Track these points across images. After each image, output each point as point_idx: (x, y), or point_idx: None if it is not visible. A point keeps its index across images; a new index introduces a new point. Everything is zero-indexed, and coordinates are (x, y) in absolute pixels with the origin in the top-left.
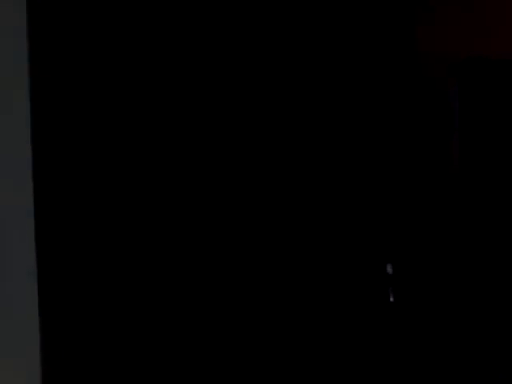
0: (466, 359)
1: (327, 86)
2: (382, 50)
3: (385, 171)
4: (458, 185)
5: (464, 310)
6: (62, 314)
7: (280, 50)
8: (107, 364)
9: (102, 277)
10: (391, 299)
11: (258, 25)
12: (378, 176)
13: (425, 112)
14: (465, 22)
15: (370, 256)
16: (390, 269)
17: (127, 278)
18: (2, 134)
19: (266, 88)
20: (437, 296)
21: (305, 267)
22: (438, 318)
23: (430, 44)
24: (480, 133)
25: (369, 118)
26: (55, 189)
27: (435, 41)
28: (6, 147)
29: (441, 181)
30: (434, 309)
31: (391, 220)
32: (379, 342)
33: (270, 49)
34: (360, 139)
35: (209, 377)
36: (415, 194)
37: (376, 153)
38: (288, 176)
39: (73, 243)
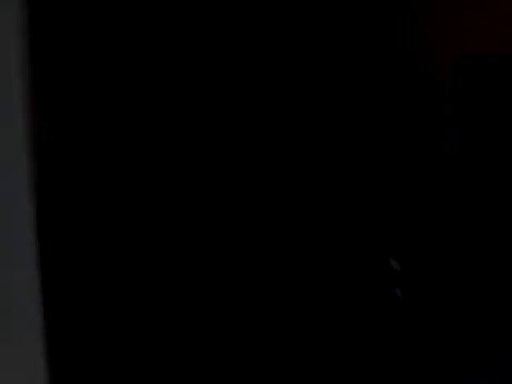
0: (474, 357)
1: (320, 82)
2: (375, 47)
3: (385, 165)
4: (458, 177)
5: (473, 306)
6: (66, 314)
7: (272, 46)
8: (111, 362)
9: (105, 275)
10: (400, 297)
11: (258, 28)
12: (380, 170)
13: (421, 107)
14: (457, 18)
15: (374, 252)
16: (396, 265)
17: (131, 277)
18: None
19: (266, 90)
20: (446, 293)
21: (304, 263)
22: (448, 316)
23: (424, 40)
24: (477, 128)
25: (365, 113)
26: (56, 187)
27: (428, 37)
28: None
29: (442, 173)
30: (443, 306)
31: (395, 215)
32: (387, 341)
33: (267, 49)
34: (358, 134)
35: (213, 376)
36: (418, 189)
37: (375, 146)
38: (287, 168)
39: (75, 242)
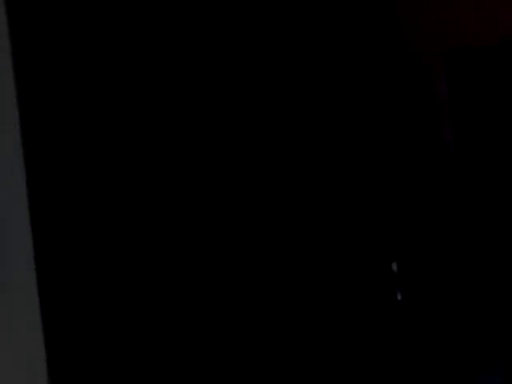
0: (472, 355)
1: (317, 79)
2: (369, 41)
3: (385, 170)
4: (455, 175)
5: (469, 305)
6: (64, 312)
7: (264, 34)
8: (111, 361)
9: (101, 275)
10: (398, 297)
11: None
12: (379, 175)
13: (416, 102)
14: (451, 10)
15: (374, 255)
16: (395, 267)
17: (127, 276)
18: None
19: (262, 83)
20: (443, 292)
21: (310, 268)
22: (445, 314)
23: (418, 34)
24: (471, 121)
25: (362, 113)
26: (50, 189)
27: (422, 31)
28: None
29: (439, 174)
30: (440, 305)
31: (394, 219)
32: (387, 341)
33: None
34: (356, 135)
35: (212, 376)
36: (416, 191)
37: (374, 150)
38: (290, 177)
39: (71, 242)
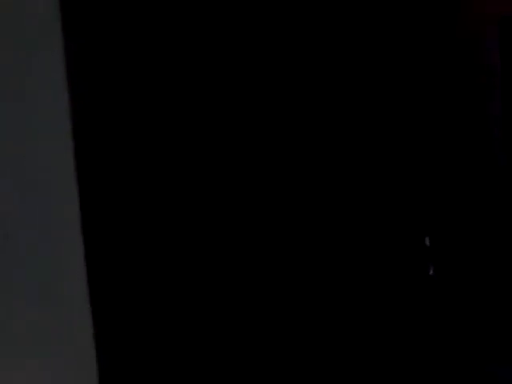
0: (507, 331)
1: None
2: (420, 13)
3: (422, 143)
4: (501, 153)
5: (502, 281)
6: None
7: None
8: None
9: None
10: (431, 272)
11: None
12: (416, 149)
13: (464, 72)
14: None
15: (408, 229)
16: (428, 242)
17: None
18: (43, 133)
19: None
20: (476, 268)
21: (343, 241)
22: (478, 290)
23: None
24: None
25: (407, 83)
26: (100, 188)
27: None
28: (48, 144)
29: (481, 150)
30: (473, 281)
31: (428, 193)
32: (420, 316)
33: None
34: (394, 108)
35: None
36: (452, 167)
37: (413, 124)
38: (322, 148)
39: (119, 238)
